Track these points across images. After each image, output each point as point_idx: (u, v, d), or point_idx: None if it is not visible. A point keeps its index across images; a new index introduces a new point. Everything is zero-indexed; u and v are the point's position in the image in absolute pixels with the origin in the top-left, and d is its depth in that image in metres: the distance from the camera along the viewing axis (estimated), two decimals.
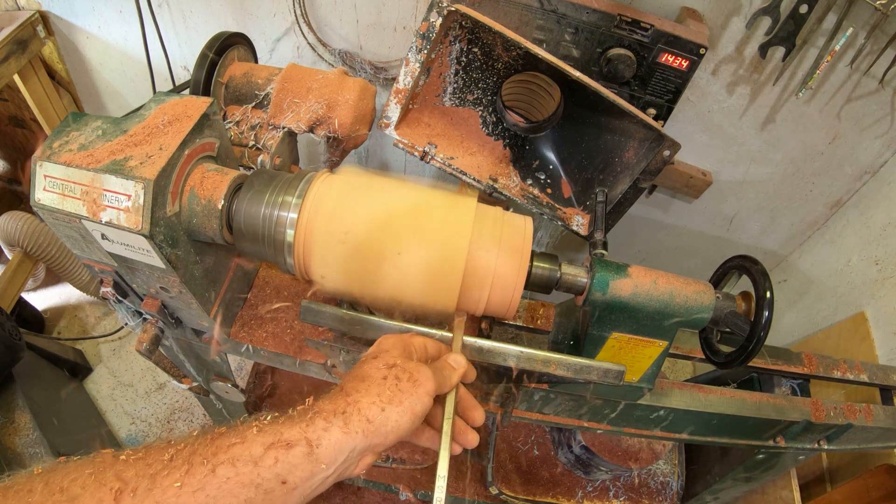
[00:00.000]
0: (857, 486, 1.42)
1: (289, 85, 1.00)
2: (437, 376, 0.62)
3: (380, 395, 0.57)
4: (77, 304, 2.47)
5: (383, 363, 0.61)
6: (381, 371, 0.60)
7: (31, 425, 1.63)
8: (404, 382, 0.59)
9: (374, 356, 0.63)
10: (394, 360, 0.62)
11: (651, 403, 1.05)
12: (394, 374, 0.60)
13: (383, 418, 0.56)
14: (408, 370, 0.61)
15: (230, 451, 0.50)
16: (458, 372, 0.67)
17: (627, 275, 0.82)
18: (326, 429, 0.54)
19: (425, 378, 0.60)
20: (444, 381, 0.64)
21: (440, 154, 1.09)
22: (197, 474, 0.48)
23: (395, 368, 0.61)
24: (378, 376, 0.60)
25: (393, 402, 0.57)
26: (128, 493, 0.46)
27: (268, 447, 0.51)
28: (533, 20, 1.29)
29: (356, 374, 0.61)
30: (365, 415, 0.56)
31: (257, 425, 0.54)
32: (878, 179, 1.68)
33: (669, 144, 0.97)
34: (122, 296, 0.88)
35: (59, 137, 0.71)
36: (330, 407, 0.56)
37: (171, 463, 0.49)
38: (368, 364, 0.62)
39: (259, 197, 0.75)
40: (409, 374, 0.60)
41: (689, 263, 2.22)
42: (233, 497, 0.49)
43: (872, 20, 1.26)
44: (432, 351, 0.69)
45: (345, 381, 0.60)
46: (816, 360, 1.24)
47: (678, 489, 1.74)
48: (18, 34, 1.69)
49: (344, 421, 0.55)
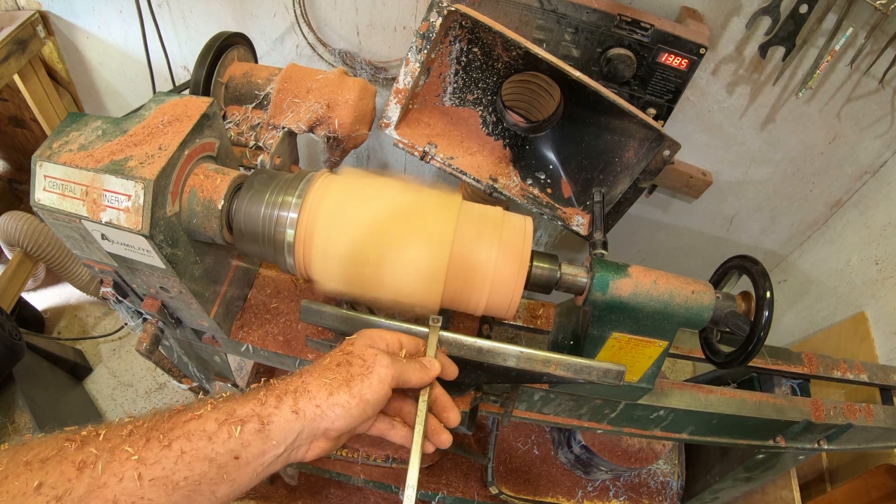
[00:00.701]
0: (857, 486, 1.42)
1: (289, 85, 1.00)
2: (396, 366, 0.61)
3: (331, 379, 0.58)
4: (77, 304, 2.47)
5: (340, 350, 0.62)
6: (336, 357, 0.61)
7: (31, 425, 1.63)
8: (356, 368, 0.60)
9: (338, 347, 0.64)
10: (350, 347, 0.62)
11: (651, 403, 1.05)
12: (346, 360, 0.60)
13: (331, 402, 0.57)
14: (361, 356, 0.61)
15: (186, 427, 0.52)
16: (430, 373, 0.65)
17: (627, 275, 0.82)
18: (277, 406, 0.55)
19: (379, 365, 0.60)
20: (409, 375, 0.62)
21: (440, 154, 1.09)
22: (154, 448, 0.50)
23: (349, 355, 0.61)
24: (332, 362, 0.60)
25: (342, 387, 0.58)
26: (88, 466, 0.48)
27: (221, 423, 0.53)
28: (533, 20, 1.29)
29: (318, 361, 0.62)
30: (313, 397, 0.57)
31: (212, 402, 0.55)
32: (878, 179, 1.67)
33: (669, 144, 0.97)
34: (122, 296, 0.88)
35: (59, 137, 0.71)
36: (282, 386, 0.57)
37: (130, 438, 0.51)
38: (330, 352, 0.63)
39: (259, 197, 0.75)
40: (363, 361, 0.60)
41: (689, 263, 2.22)
42: (188, 470, 0.50)
43: (872, 20, 1.26)
44: (410, 348, 0.69)
45: (305, 367, 0.62)
46: (816, 360, 1.23)
47: (678, 489, 1.74)
48: (18, 34, 1.69)
49: (293, 400, 0.56)
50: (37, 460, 0.48)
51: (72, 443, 0.50)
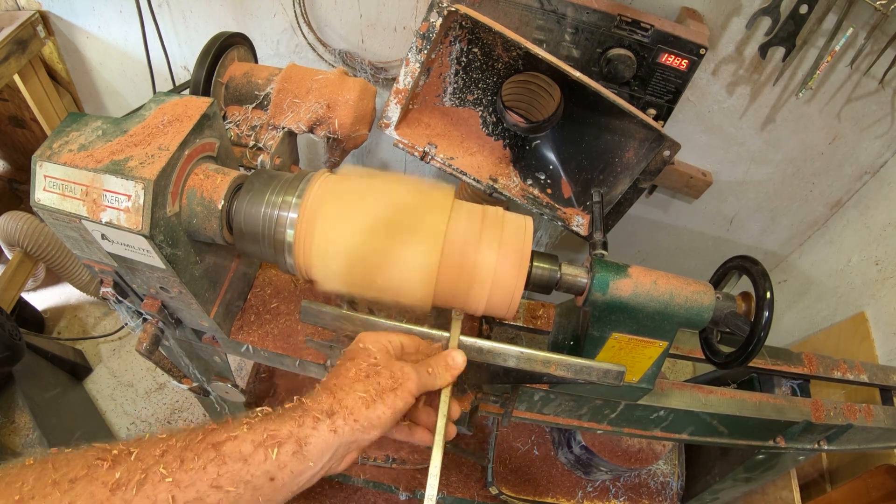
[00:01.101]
0: (857, 486, 1.42)
1: (289, 85, 1.00)
2: (420, 375, 0.64)
3: (365, 392, 0.60)
4: (77, 304, 2.47)
5: (365, 362, 0.63)
6: (363, 369, 0.62)
7: (31, 425, 1.63)
8: (384, 379, 0.61)
9: (353, 356, 0.65)
10: (375, 358, 0.64)
11: (651, 403, 1.05)
12: (374, 372, 0.62)
13: (367, 416, 0.58)
14: (388, 368, 0.63)
15: (221, 448, 0.51)
16: (452, 372, 0.68)
17: (627, 275, 0.82)
18: (315, 427, 0.56)
19: (407, 377, 0.63)
20: (431, 379, 0.66)
21: (440, 154, 1.09)
22: (188, 470, 0.49)
23: (378, 367, 0.63)
24: (361, 375, 0.62)
25: (377, 399, 0.60)
26: (121, 488, 0.47)
27: (257, 445, 0.52)
28: (533, 20, 1.29)
29: (339, 373, 0.63)
30: (351, 413, 0.58)
31: (248, 422, 0.55)
32: (878, 179, 1.67)
33: (669, 144, 0.97)
34: (122, 296, 0.88)
35: (59, 137, 0.71)
36: (317, 406, 0.58)
37: (163, 458, 0.50)
38: (350, 362, 0.64)
39: (259, 197, 0.75)
40: (391, 373, 0.62)
41: (689, 263, 2.22)
42: (223, 493, 0.50)
43: (872, 20, 1.26)
44: (409, 349, 0.71)
45: (328, 380, 0.62)
46: (816, 360, 1.23)
47: (678, 489, 1.74)
48: (18, 34, 1.69)
49: (331, 419, 0.57)
50: (65, 480, 0.47)
51: (103, 462, 0.48)
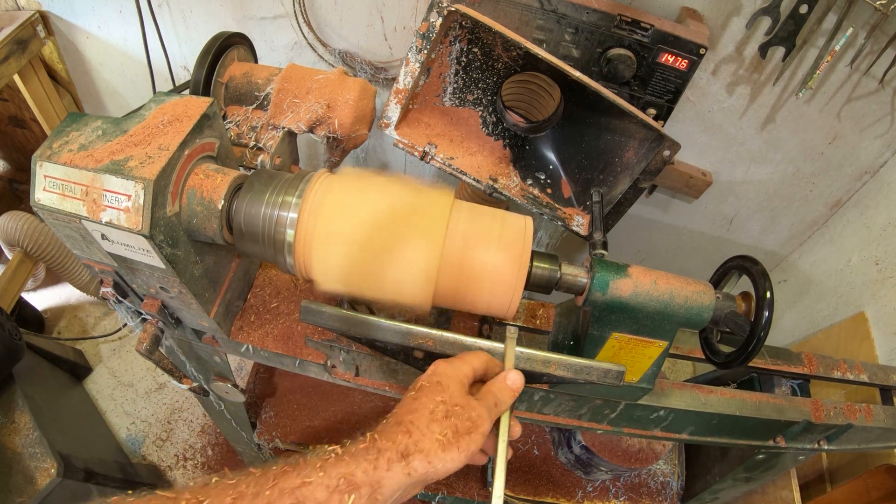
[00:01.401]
0: (857, 486, 1.42)
1: (289, 85, 1.00)
2: (491, 413, 0.64)
3: (442, 435, 0.59)
4: (77, 304, 2.47)
5: (440, 396, 0.62)
6: (441, 410, 0.61)
7: (31, 425, 1.63)
8: (462, 422, 0.60)
9: (429, 389, 0.64)
10: (453, 398, 0.63)
11: (651, 403, 1.05)
12: (454, 413, 0.61)
13: (443, 458, 0.58)
14: (468, 410, 0.62)
15: (295, 495, 0.50)
16: (514, 394, 0.67)
17: (627, 275, 0.82)
18: (389, 468, 0.55)
19: (482, 420, 0.62)
20: (498, 410, 0.65)
21: (440, 154, 1.09)
22: None
23: (455, 407, 0.61)
24: (439, 414, 0.60)
25: (452, 444, 0.59)
26: None
27: (332, 490, 0.51)
28: (533, 20, 1.29)
29: (415, 407, 0.61)
30: (426, 456, 0.57)
31: (321, 463, 0.53)
32: (878, 179, 1.67)
33: (669, 144, 0.97)
34: (122, 296, 0.88)
35: (59, 137, 0.71)
36: (393, 447, 0.57)
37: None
38: (426, 397, 0.62)
39: (259, 197, 0.75)
40: (469, 416, 0.61)
41: (689, 263, 2.22)
42: None
43: (872, 20, 1.26)
44: (479, 372, 0.70)
45: (403, 414, 0.61)
46: (816, 360, 1.23)
47: (678, 489, 1.74)
48: (18, 34, 1.69)
49: (406, 461, 0.56)
50: None
51: None
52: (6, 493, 1.52)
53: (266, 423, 1.74)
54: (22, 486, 1.54)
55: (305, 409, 1.79)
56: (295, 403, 1.80)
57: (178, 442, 2.19)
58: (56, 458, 1.58)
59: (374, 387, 1.05)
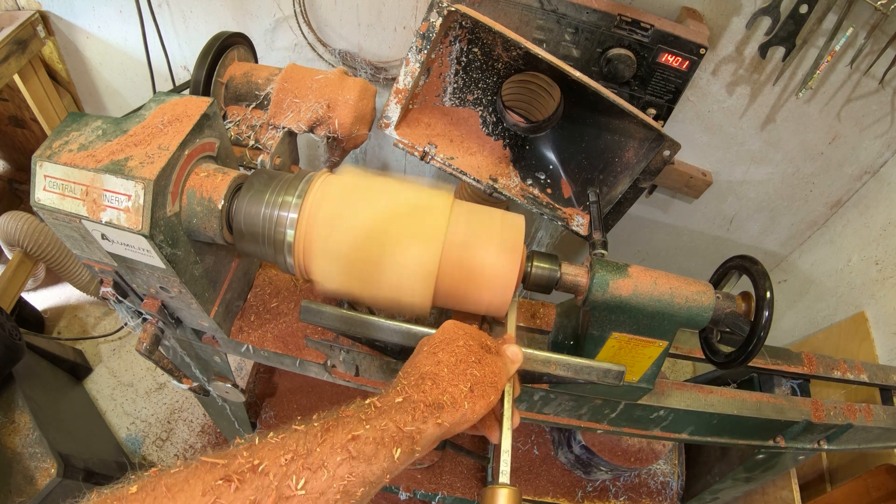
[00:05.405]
0: (857, 486, 1.42)
1: (289, 85, 1.00)
2: (507, 366, 0.68)
3: (467, 386, 0.61)
4: (77, 304, 2.47)
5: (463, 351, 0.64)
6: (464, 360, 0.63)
7: (32, 425, 1.63)
8: (488, 374, 0.63)
9: (447, 343, 0.65)
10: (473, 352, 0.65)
11: (651, 403, 1.05)
12: (478, 364, 0.64)
13: (469, 408, 0.60)
14: (491, 362, 0.65)
15: (347, 449, 0.50)
16: (516, 364, 0.70)
17: (627, 275, 0.82)
18: (424, 421, 0.56)
19: (503, 372, 0.66)
20: (514, 362, 0.70)
21: (440, 154, 1.09)
22: (319, 479, 0.48)
23: (477, 362, 0.64)
24: (462, 366, 0.63)
25: (479, 394, 0.61)
26: None
27: (378, 444, 0.52)
28: (533, 20, 1.29)
29: (438, 359, 0.63)
30: (455, 406, 0.59)
31: (364, 417, 0.54)
32: (878, 179, 1.67)
33: (669, 144, 0.97)
34: (122, 296, 0.88)
35: (59, 137, 0.71)
36: (425, 398, 0.58)
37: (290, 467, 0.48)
38: (443, 352, 0.64)
39: (259, 197, 0.75)
40: (491, 368, 0.65)
41: (689, 263, 2.22)
42: (353, 500, 0.49)
43: (872, 20, 1.26)
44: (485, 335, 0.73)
45: (424, 366, 0.62)
46: (816, 360, 1.23)
47: (678, 489, 1.74)
48: (18, 34, 1.69)
49: (439, 413, 0.58)
50: None
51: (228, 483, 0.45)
52: (6, 493, 1.52)
53: (266, 423, 1.74)
54: (22, 486, 1.54)
55: (305, 409, 1.79)
56: (295, 403, 1.80)
57: (178, 442, 2.19)
58: (56, 458, 1.58)
59: (374, 387, 1.05)
